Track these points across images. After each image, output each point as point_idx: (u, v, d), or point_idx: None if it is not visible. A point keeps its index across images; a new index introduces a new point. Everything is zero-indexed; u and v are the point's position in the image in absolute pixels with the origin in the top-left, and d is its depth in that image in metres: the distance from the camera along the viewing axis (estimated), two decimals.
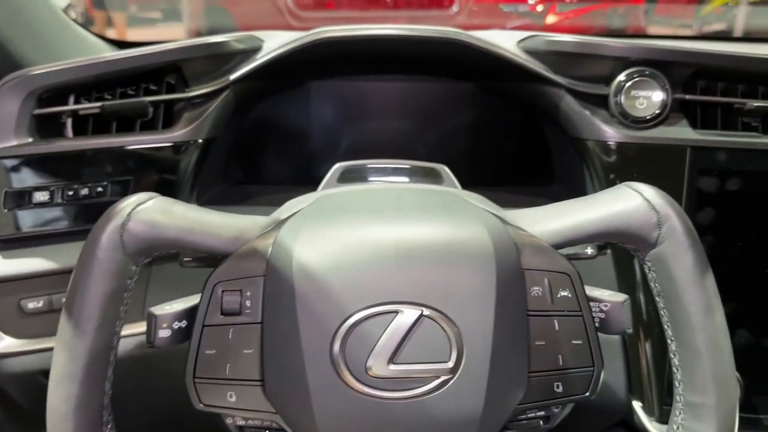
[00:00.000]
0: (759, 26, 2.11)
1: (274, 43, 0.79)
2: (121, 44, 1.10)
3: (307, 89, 0.95)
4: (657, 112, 0.75)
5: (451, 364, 0.42)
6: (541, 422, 0.49)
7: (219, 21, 2.44)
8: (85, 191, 0.73)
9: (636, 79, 0.75)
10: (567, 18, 2.12)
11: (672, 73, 0.75)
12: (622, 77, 0.76)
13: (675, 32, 2.14)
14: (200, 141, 0.76)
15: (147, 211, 0.45)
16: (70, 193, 0.73)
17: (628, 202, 0.48)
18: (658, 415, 0.74)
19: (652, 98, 0.75)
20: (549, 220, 0.49)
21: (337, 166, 0.72)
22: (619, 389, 0.76)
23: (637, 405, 0.76)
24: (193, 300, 0.48)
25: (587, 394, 0.47)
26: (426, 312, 0.43)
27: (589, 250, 0.55)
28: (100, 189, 0.73)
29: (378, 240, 0.45)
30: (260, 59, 0.77)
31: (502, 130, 0.94)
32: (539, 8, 2.14)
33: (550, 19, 2.15)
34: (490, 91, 0.93)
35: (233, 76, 0.77)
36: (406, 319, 0.42)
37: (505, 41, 0.81)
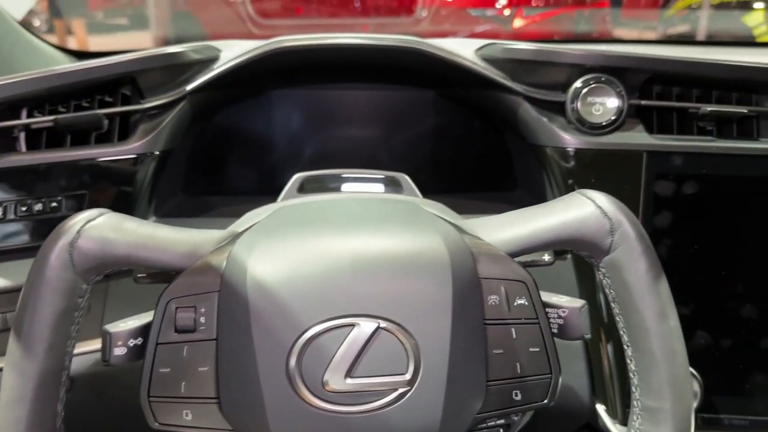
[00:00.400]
0: (722, 29, 2.16)
1: (232, 52, 0.79)
2: (81, 54, 1.08)
3: (269, 98, 0.95)
4: (613, 118, 0.76)
5: (408, 376, 0.42)
6: (501, 430, 0.49)
7: (187, 28, 2.42)
8: (39, 206, 0.72)
9: (592, 85, 0.76)
10: (534, 22, 2.14)
11: (627, 79, 0.76)
12: (578, 84, 0.76)
13: (640, 35, 2.18)
14: (157, 153, 0.75)
15: (97, 228, 0.44)
16: (24, 208, 0.71)
17: (581, 210, 0.48)
18: (621, 417, 0.75)
19: (607, 104, 0.76)
20: (505, 229, 0.50)
21: (296, 176, 0.71)
22: (582, 393, 0.77)
23: (600, 408, 0.77)
24: (149, 316, 0.47)
25: (546, 401, 0.47)
26: (383, 324, 0.42)
27: (547, 257, 0.56)
28: (54, 204, 0.72)
29: (334, 252, 0.45)
30: (217, 69, 0.76)
31: (464, 137, 0.94)
32: (506, 12, 2.16)
33: (517, 23, 2.17)
34: (451, 99, 0.93)
35: (189, 87, 0.76)
36: (363, 332, 0.42)
37: (464, 49, 0.81)
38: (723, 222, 0.76)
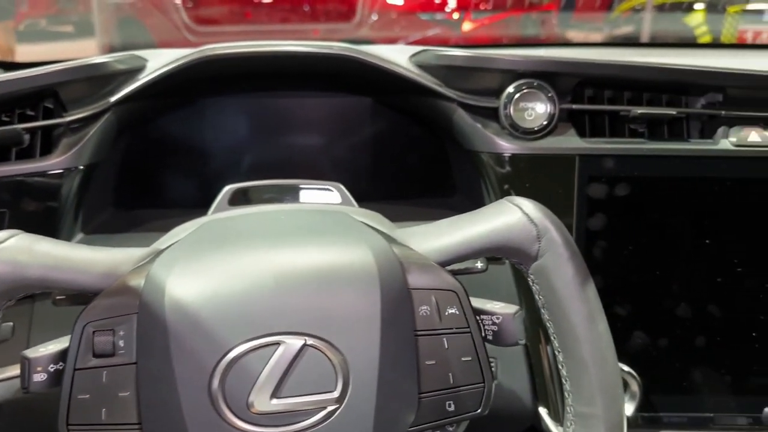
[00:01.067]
0: (666, 30, 2.21)
1: (159, 62, 0.77)
2: (8, 66, 1.04)
3: (206, 107, 0.93)
4: (544, 123, 0.76)
5: (337, 394, 0.41)
6: None
7: (134, 35, 2.37)
8: None
9: (524, 90, 0.76)
10: (482, 25, 2.16)
11: (558, 84, 0.77)
12: (510, 89, 0.77)
13: (587, 38, 2.21)
14: (82, 167, 0.73)
15: (7, 251, 0.42)
16: None
17: (509, 217, 0.48)
18: (563, 419, 0.75)
19: (539, 109, 0.76)
20: (435, 238, 0.49)
21: (227, 188, 0.70)
22: (525, 396, 0.77)
23: (543, 411, 0.77)
24: (69, 340, 0.45)
25: (479, 410, 0.47)
26: (309, 341, 0.41)
27: (480, 264, 0.56)
28: None
29: (256, 268, 0.43)
30: (142, 80, 0.74)
31: (404, 144, 0.94)
32: (455, 16, 2.17)
33: (467, 26, 2.18)
34: (389, 106, 0.92)
35: (114, 98, 0.74)
36: (289, 350, 0.41)
37: (398, 56, 0.80)
38: (656, 223, 0.77)
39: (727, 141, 0.76)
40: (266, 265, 0.44)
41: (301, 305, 0.42)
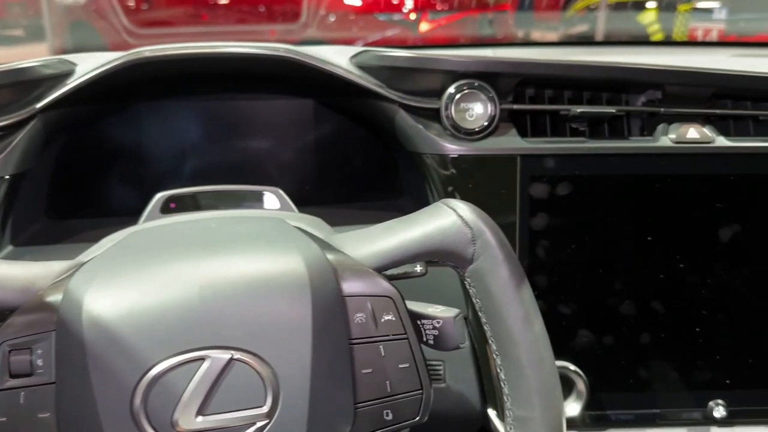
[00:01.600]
0: (619, 29, 2.24)
1: (87, 66, 0.74)
2: None
3: (144, 112, 0.90)
4: (485, 123, 0.75)
5: (266, 409, 0.40)
6: None
7: (87, 39, 2.32)
8: None
9: (465, 91, 0.76)
10: (439, 26, 2.16)
11: (499, 84, 0.76)
12: (451, 90, 0.76)
13: (543, 37, 2.23)
14: (8, 176, 0.70)
15: None
16: None
17: (444, 220, 0.48)
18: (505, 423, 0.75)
19: (480, 110, 0.76)
20: (371, 243, 0.48)
21: (158, 195, 0.68)
22: (473, 399, 0.77)
23: (492, 413, 0.77)
24: None
25: (418, 418, 0.46)
26: (236, 355, 0.40)
27: (419, 268, 0.55)
28: None
29: (180, 280, 0.42)
30: (69, 85, 0.72)
31: (350, 146, 0.93)
32: (413, 17, 2.17)
33: (423, 27, 2.18)
34: (333, 108, 0.91)
35: (39, 105, 0.71)
36: (215, 365, 0.40)
37: (338, 57, 0.79)
38: (598, 221, 0.77)
39: (667, 138, 0.77)
40: (190, 276, 0.42)
41: (227, 317, 0.41)
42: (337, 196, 0.92)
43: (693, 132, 0.77)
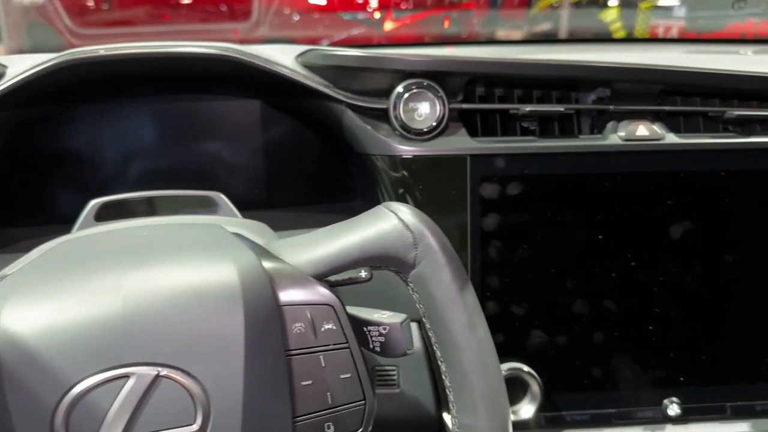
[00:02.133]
0: (583, 26, 2.25)
1: (20, 68, 0.71)
2: None
3: (86, 114, 0.87)
4: (434, 123, 0.74)
5: (196, 427, 0.39)
6: None
7: (45, 39, 2.26)
8: None
9: (414, 91, 0.74)
10: (404, 25, 2.15)
11: (447, 83, 0.75)
12: (400, 89, 0.75)
13: (507, 35, 2.23)
14: None
15: None
16: None
17: (384, 224, 0.46)
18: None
19: (429, 110, 0.74)
20: (310, 249, 0.47)
21: (92, 203, 0.66)
22: (428, 404, 0.76)
23: (447, 417, 0.75)
24: None
25: (360, 429, 0.45)
26: (163, 372, 0.39)
27: (364, 274, 0.54)
28: None
29: (104, 293, 0.40)
30: None
31: (300, 148, 0.91)
32: (377, 15, 2.15)
33: (388, 26, 2.17)
34: (281, 109, 0.89)
35: None
36: (140, 383, 0.38)
37: (283, 56, 0.77)
38: (550, 220, 0.77)
39: (616, 136, 0.76)
40: (114, 288, 0.41)
41: (153, 332, 0.39)
42: (288, 199, 0.90)
43: (642, 129, 0.76)
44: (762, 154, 0.78)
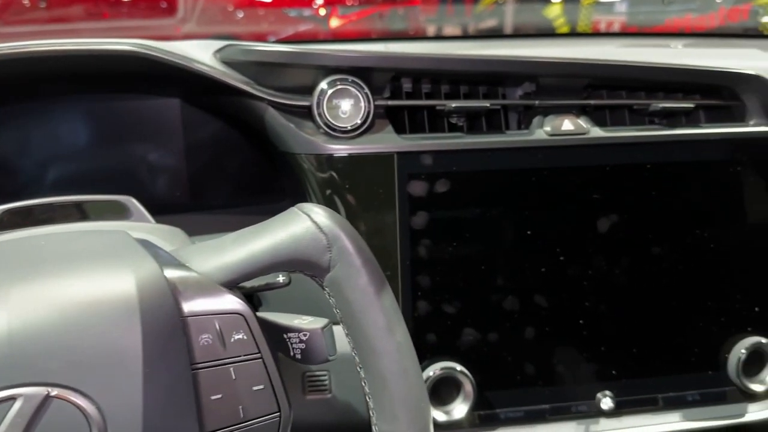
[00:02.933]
0: (528, 22, 2.26)
1: None
2: None
3: None
4: (359, 121, 0.73)
5: None
6: None
7: None
8: None
9: (338, 87, 0.72)
10: (350, 21, 2.12)
11: (372, 79, 0.73)
12: (323, 86, 0.73)
13: (454, 31, 2.23)
14: None
15: None
16: None
17: (296, 227, 0.44)
18: None
19: (353, 107, 0.73)
20: (220, 255, 0.45)
21: None
22: (361, 409, 0.74)
23: None
24: None
25: None
26: (54, 392, 0.36)
27: (281, 278, 0.52)
28: None
29: None
30: None
31: (223, 148, 0.88)
32: (322, 12, 2.12)
33: (334, 22, 2.13)
34: (201, 107, 0.86)
35: None
36: (28, 405, 0.36)
37: (200, 52, 0.75)
38: (478, 217, 0.76)
39: (542, 131, 0.76)
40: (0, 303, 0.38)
41: (41, 350, 0.37)
42: (213, 201, 0.88)
43: (568, 123, 0.76)
44: (686, 145, 0.79)
